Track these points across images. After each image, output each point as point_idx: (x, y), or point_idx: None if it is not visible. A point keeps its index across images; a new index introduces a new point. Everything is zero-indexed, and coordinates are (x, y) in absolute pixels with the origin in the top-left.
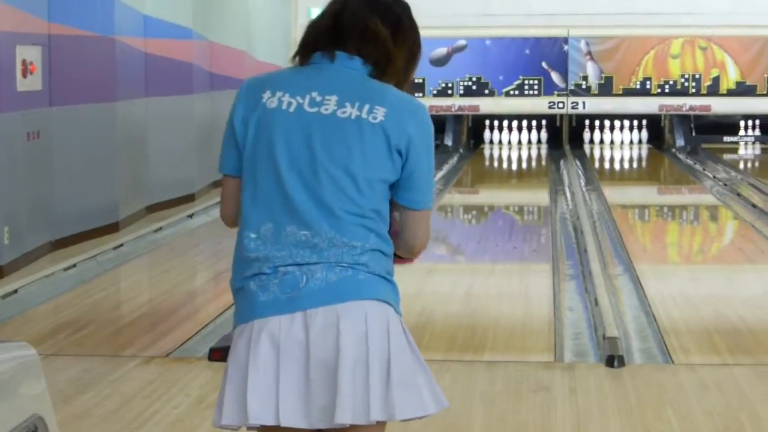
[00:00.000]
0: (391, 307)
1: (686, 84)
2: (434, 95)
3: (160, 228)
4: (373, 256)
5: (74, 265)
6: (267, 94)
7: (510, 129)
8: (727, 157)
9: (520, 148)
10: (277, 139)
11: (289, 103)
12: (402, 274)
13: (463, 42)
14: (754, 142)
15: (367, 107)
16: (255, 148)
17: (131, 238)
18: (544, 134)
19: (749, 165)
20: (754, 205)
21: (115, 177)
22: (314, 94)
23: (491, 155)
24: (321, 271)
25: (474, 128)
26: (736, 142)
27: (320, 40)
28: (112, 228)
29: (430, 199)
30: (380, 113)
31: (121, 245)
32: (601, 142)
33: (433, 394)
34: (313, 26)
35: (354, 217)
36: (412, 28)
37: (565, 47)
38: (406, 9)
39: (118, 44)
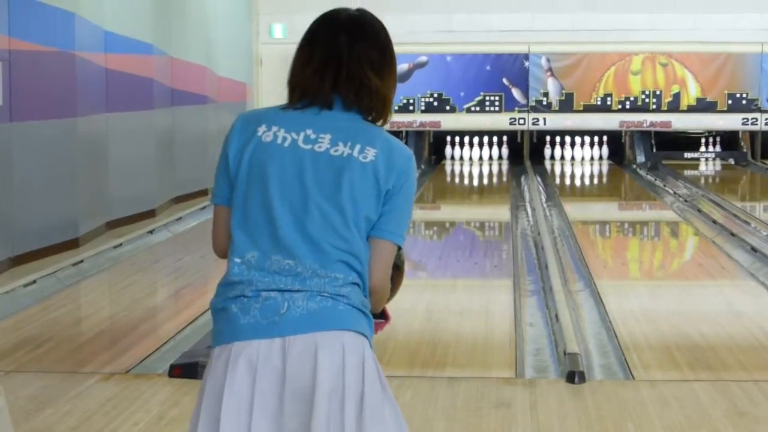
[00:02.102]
0: (366, 340)
1: (647, 100)
2: (395, 111)
3: (121, 244)
4: (353, 289)
5: (34, 281)
6: (263, 128)
7: (471, 145)
8: (687, 173)
9: (481, 164)
10: (270, 172)
11: (284, 138)
12: None
13: (424, 58)
14: (714, 159)
15: (358, 147)
16: (248, 178)
17: (91, 254)
18: (505, 150)
19: (710, 181)
20: (714, 221)
21: (75, 193)
22: (309, 131)
23: (452, 171)
24: (302, 299)
25: (435, 144)
26: (697, 159)
27: (314, 88)
28: (72, 244)
29: (400, 235)
30: (371, 154)
31: (81, 261)
32: (562, 158)
33: (397, 427)
34: (303, 71)
35: (339, 252)
36: (394, 62)
37: (526, 64)
38: (388, 42)
39: (78, 60)
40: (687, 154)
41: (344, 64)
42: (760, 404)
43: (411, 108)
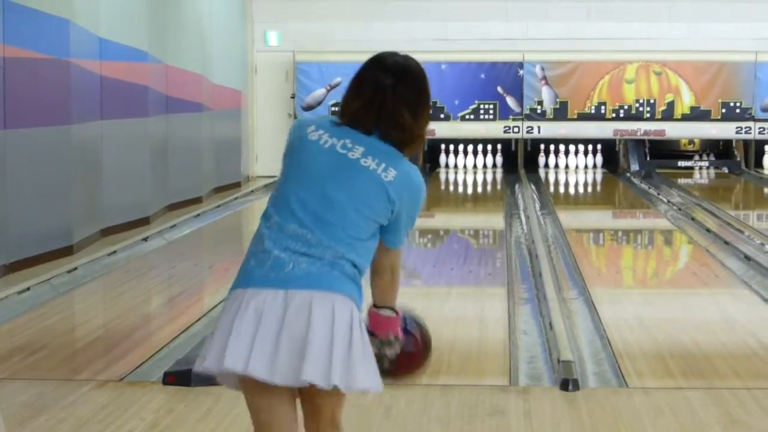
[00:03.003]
0: (354, 303)
1: (641, 109)
2: None
3: (115, 251)
4: (349, 264)
5: (28, 289)
6: (311, 128)
7: (465, 153)
8: (681, 181)
9: (475, 173)
10: (308, 163)
11: (326, 141)
12: None
13: None
14: (708, 167)
15: (383, 165)
16: (290, 165)
17: (85, 261)
18: (499, 158)
19: (703, 189)
20: (708, 230)
21: (69, 200)
22: (347, 141)
23: (447, 179)
24: (306, 262)
25: (430, 152)
26: (691, 167)
27: (359, 119)
28: (67, 251)
29: (398, 243)
30: (391, 174)
31: (76, 269)
32: (556, 166)
33: (377, 376)
34: (351, 104)
35: (346, 236)
36: (428, 103)
37: (521, 72)
38: (425, 85)
39: (73, 67)
40: (681, 163)
41: (386, 104)
42: (754, 412)
43: None
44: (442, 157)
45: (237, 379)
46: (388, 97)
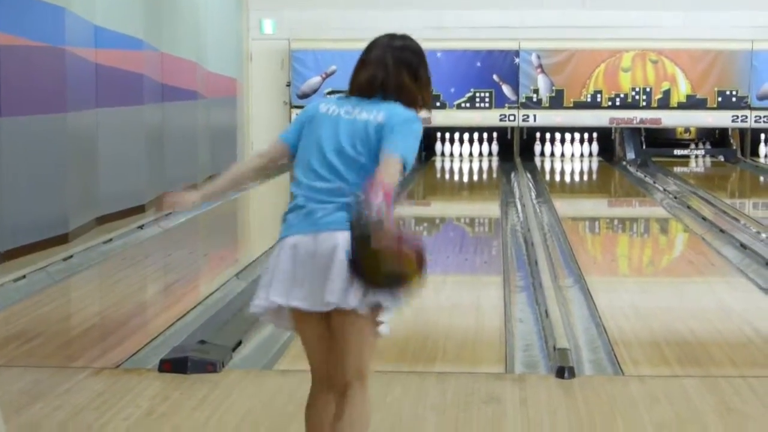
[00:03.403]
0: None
1: (637, 97)
2: None
3: (111, 239)
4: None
5: (24, 276)
6: (322, 105)
7: (461, 141)
8: (677, 170)
9: (471, 161)
10: (319, 130)
11: (333, 111)
12: None
13: None
14: (704, 156)
15: (374, 113)
16: (308, 134)
17: (81, 249)
18: (495, 147)
19: (699, 178)
20: (704, 218)
21: (65, 188)
22: (348, 107)
23: (443, 167)
24: (331, 208)
25: (425, 140)
26: (687, 156)
27: (365, 89)
28: (62, 239)
29: (398, 152)
30: (380, 116)
31: (71, 256)
32: (552, 154)
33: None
34: (358, 77)
35: (355, 179)
36: (426, 68)
37: (516, 60)
38: (422, 53)
39: (68, 55)
40: (677, 151)
41: (389, 69)
42: (749, 400)
43: None
44: (438, 146)
45: (289, 317)
46: (390, 63)
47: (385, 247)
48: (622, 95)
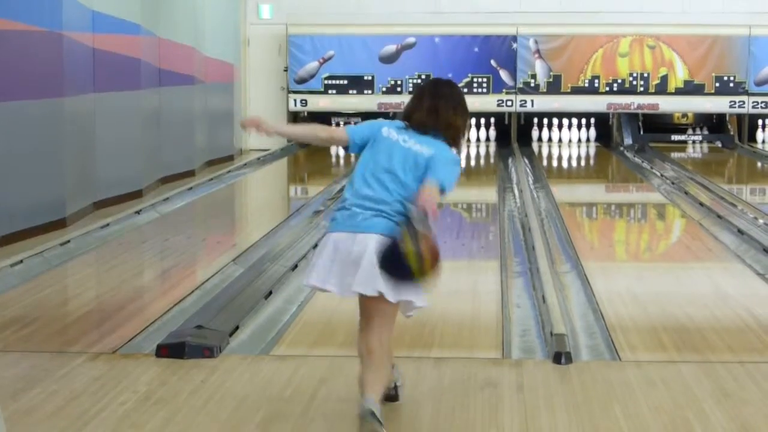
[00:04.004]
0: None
1: (634, 82)
2: (383, 92)
3: (108, 224)
4: (400, 217)
5: (21, 261)
6: (384, 129)
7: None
8: (674, 155)
9: (468, 146)
10: (380, 151)
11: (393, 136)
12: None
13: (412, 39)
14: (701, 141)
15: (425, 147)
16: (369, 150)
17: (78, 234)
18: (492, 132)
19: (697, 163)
20: (701, 204)
21: (62, 173)
22: (406, 137)
23: None
24: (370, 215)
25: None
26: (684, 141)
27: (423, 123)
28: (59, 224)
29: (440, 181)
30: (428, 151)
31: (68, 241)
32: (550, 140)
33: (421, 301)
34: (411, 111)
35: (399, 196)
36: (466, 108)
37: (514, 45)
38: (462, 96)
39: (65, 39)
40: (674, 137)
41: (441, 113)
42: (746, 386)
43: (399, 89)
44: None
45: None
46: (441, 105)
47: (424, 250)
48: (619, 80)
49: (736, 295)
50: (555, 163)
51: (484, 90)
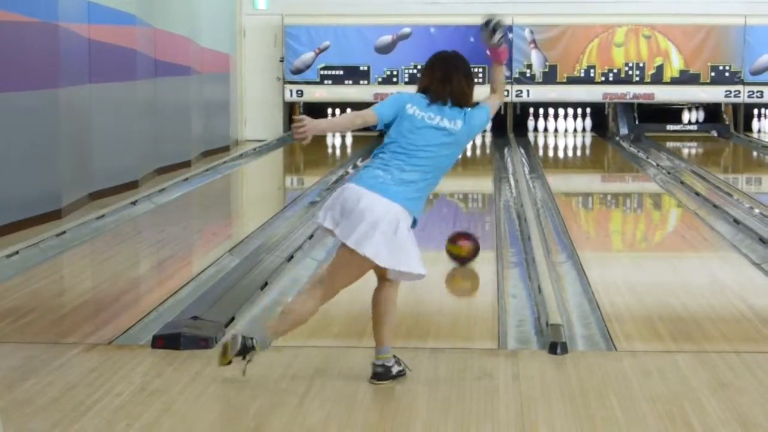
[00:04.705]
0: (407, 212)
1: (630, 72)
2: (379, 83)
3: (103, 215)
4: (416, 191)
5: (17, 252)
6: (409, 105)
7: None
8: (670, 145)
9: None
10: (408, 130)
11: (418, 114)
12: None
13: (407, 30)
14: (697, 131)
15: (453, 121)
16: (397, 128)
17: (74, 225)
18: (488, 122)
19: (693, 153)
20: (697, 193)
21: (57, 164)
22: (431, 114)
23: None
24: (390, 181)
25: None
26: (680, 131)
27: (440, 93)
28: (55, 215)
29: (487, 111)
30: (459, 124)
31: (64, 232)
32: (545, 130)
33: (414, 257)
34: (428, 84)
35: (425, 173)
36: (473, 78)
37: (510, 35)
38: (470, 67)
39: (61, 30)
40: (670, 127)
41: (454, 84)
42: (742, 375)
43: (395, 80)
44: None
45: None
46: (454, 78)
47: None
48: (615, 70)
49: (732, 284)
50: (551, 153)
51: (480, 80)
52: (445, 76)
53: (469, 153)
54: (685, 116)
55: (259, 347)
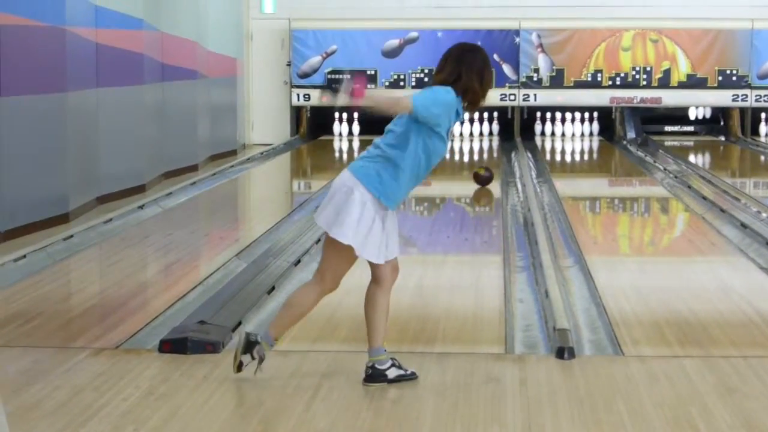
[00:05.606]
0: (367, 191)
1: (637, 76)
2: (386, 87)
3: (111, 219)
4: (373, 161)
5: (24, 256)
6: (453, 119)
7: (462, 121)
8: (677, 148)
9: (471, 140)
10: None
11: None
12: (354, 266)
13: (414, 34)
14: (704, 135)
15: None
16: (426, 136)
17: (81, 229)
18: (495, 126)
19: (700, 157)
20: (704, 197)
21: (65, 168)
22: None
23: None
24: (360, 160)
25: None
26: (684, 132)
27: (474, 103)
28: (63, 219)
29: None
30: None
31: (72, 236)
32: (553, 134)
33: (345, 235)
34: (440, 75)
35: (385, 146)
36: (488, 73)
37: (517, 39)
38: (486, 59)
39: (68, 34)
40: (667, 128)
41: (462, 76)
42: (750, 380)
43: (402, 84)
44: None
45: None
46: (464, 69)
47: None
48: (622, 74)
49: (740, 289)
50: (558, 157)
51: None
52: (454, 68)
53: (476, 157)
54: (693, 122)
55: (265, 343)
